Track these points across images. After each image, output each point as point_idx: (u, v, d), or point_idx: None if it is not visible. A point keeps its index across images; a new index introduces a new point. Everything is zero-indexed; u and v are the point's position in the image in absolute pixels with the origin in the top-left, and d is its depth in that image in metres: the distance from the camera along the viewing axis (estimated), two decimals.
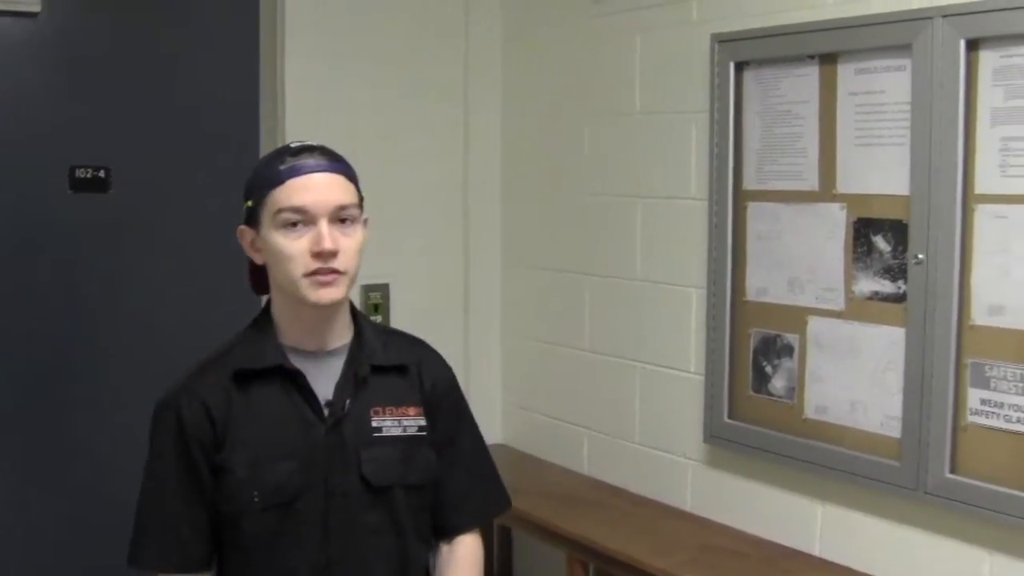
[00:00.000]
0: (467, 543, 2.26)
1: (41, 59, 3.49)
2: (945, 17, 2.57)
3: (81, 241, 3.57)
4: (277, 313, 2.10)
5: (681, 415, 3.38)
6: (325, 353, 2.09)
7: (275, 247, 2.00)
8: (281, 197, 1.98)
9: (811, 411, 2.98)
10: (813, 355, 2.97)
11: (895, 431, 2.76)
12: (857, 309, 2.86)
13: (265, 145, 3.71)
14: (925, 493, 2.67)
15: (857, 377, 2.86)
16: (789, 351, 3.03)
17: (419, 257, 3.98)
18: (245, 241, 2.09)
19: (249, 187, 2.06)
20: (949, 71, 2.57)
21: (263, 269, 2.10)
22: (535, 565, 3.98)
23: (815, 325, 2.97)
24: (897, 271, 2.74)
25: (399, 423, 2.11)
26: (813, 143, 2.94)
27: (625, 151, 3.57)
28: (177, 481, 2.03)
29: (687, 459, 3.39)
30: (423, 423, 2.14)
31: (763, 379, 3.10)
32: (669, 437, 3.45)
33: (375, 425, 2.09)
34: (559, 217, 3.87)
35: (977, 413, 2.59)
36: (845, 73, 2.86)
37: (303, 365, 2.06)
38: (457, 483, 2.23)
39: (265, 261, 2.06)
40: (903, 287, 2.73)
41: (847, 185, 2.87)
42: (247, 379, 2.05)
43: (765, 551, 3.07)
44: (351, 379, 2.09)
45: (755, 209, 3.11)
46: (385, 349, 2.16)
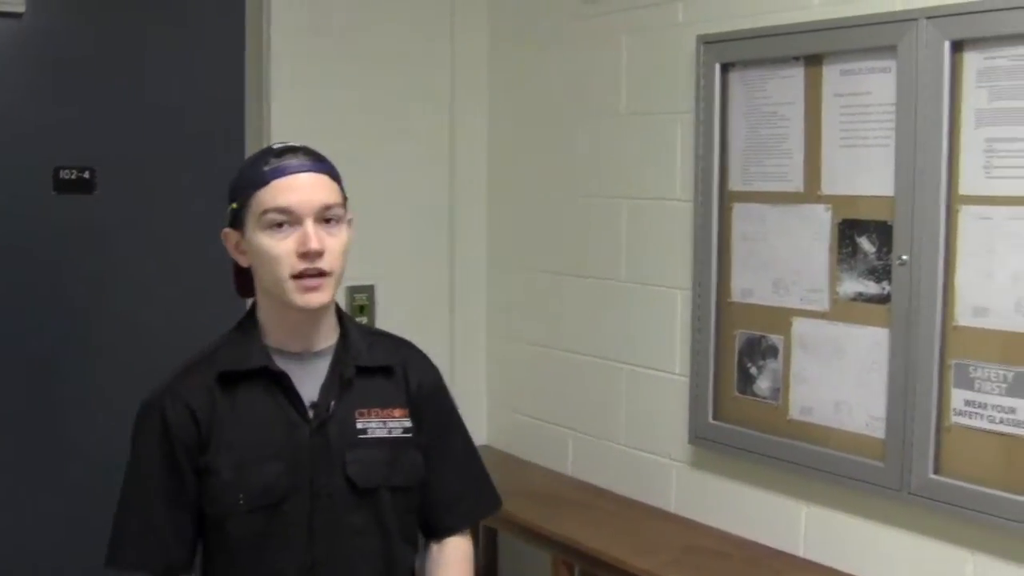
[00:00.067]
0: (458, 543, 2.26)
1: (25, 60, 3.48)
2: (930, 19, 2.58)
3: (66, 243, 3.55)
4: (262, 315, 2.09)
5: (666, 416, 3.38)
6: (310, 355, 2.09)
7: (261, 248, 1.99)
8: (266, 198, 1.98)
9: (796, 412, 2.99)
10: (798, 356, 2.98)
11: (879, 432, 2.77)
12: (842, 310, 2.86)
13: (250, 146, 3.70)
14: (909, 494, 2.68)
15: (842, 378, 2.87)
16: (774, 352, 3.04)
17: (405, 258, 3.98)
18: (230, 244, 2.08)
19: (233, 189, 2.06)
20: (934, 72, 2.58)
21: (248, 271, 2.09)
22: (520, 566, 3.97)
23: (800, 326, 2.97)
24: (881, 272, 2.75)
25: (384, 425, 2.11)
26: (798, 144, 2.95)
27: (611, 152, 3.57)
28: (160, 482, 2.03)
29: (672, 460, 3.39)
30: (409, 425, 2.14)
31: (748, 380, 3.11)
32: (654, 438, 3.45)
33: (360, 427, 2.08)
34: (545, 218, 3.88)
35: (961, 414, 2.60)
36: (830, 74, 2.86)
37: (288, 367, 2.06)
38: (448, 484, 2.23)
39: (250, 263, 2.05)
40: (887, 288, 2.74)
41: (832, 186, 2.87)
42: (232, 381, 2.05)
43: (749, 552, 3.07)
44: (336, 381, 2.08)
45: (740, 210, 3.12)
46: (371, 350, 2.15)
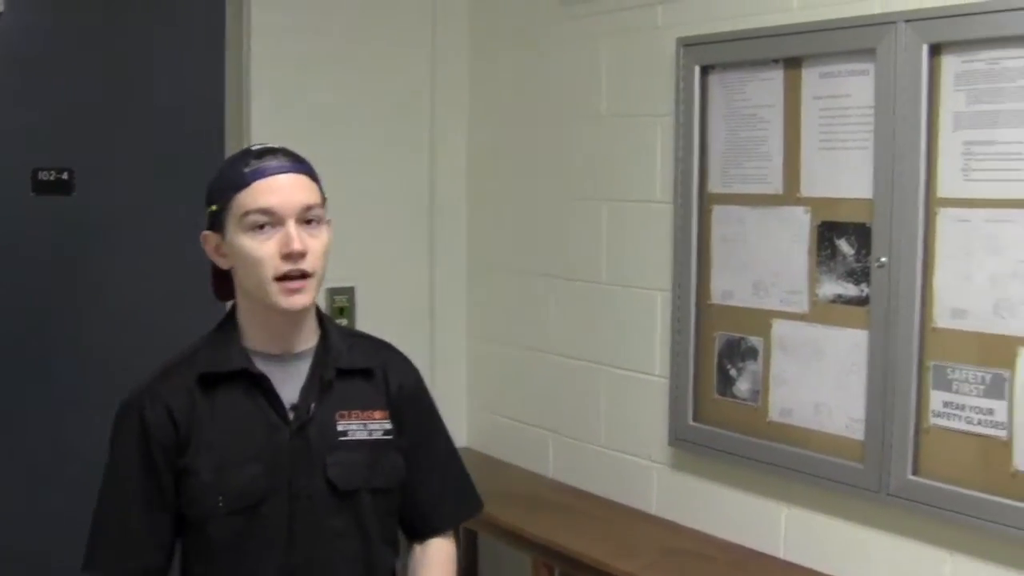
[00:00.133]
0: (441, 544, 2.26)
1: (2, 60, 3.46)
2: (908, 22, 2.59)
3: (45, 244, 3.54)
4: (243, 317, 2.09)
5: (646, 418, 3.39)
6: (291, 356, 2.09)
7: (243, 250, 1.99)
8: (247, 200, 1.97)
9: (775, 414, 3.00)
10: (777, 358, 2.99)
11: (858, 433, 2.78)
12: (821, 312, 2.87)
13: (230, 147, 3.69)
14: (888, 495, 2.69)
15: (821, 380, 2.88)
16: (753, 354, 3.04)
17: (385, 260, 3.97)
18: (209, 246, 2.07)
19: (212, 191, 2.05)
20: (912, 75, 2.59)
21: (227, 274, 2.09)
22: (501, 569, 3.97)
23: (779, 328, 2.98)
24: (860, 274, 2.76)
25: (365, 427, 2.11)
26: (778, 147, 2.96)
27: (591, 154, 3.57)
28: (137, 484, 2.02)
29: (652, 462, 3.40)
30: (389, 427, 2.14)
31: (728, 382, 3.12)
32: (634, 440, 3.45)
33: (341, 429, 2.08)
34: (525, 220, 3.88)
35: (939, 415, 2.61)
36: (809, 77, 2.87)
37: (268, 369, 2.05)
38: (430, 486, 2.23)
39: (231, 266, 2.05)
40: (866, 290, 2.75)
41: (811, 188, 2.88)
42: (212, 383, 2.04)
43: (730, 553, 3.08)
44: (316, 383, 2.08)
45: (720, 212, 3.13)
46: (351, 352, 2.15)
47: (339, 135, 3.76)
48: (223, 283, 2.12)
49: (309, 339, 2.11)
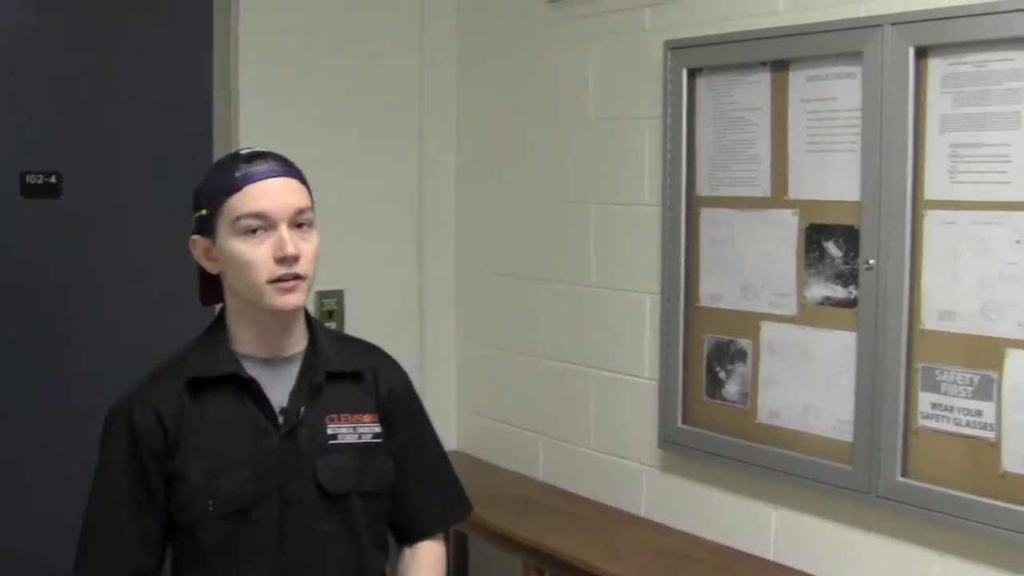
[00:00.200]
0: (431, 547, 2.26)
1: None
2: (895, 25, 2.60)
3: (33, 248, 3.53)
4: (232, 320, 2.08)
5: (635, 420, 3.39)
6: (280, 360, 2.08)
7: (235, 255, 1.98)
8: (239, 204, 1.97)
9: (764, 416, 3.00)
10: (766, 360, 2.99)
11: (847, 435, 2.78)
12: (809, 314, 2.88)
13: (218, 150, 3.69)
14: (877, 496, 2.69)
15: (809, 382, 2.88)
16: (742, 356, 3.05)
17: (374, 263, 3.97)
18: (198, 251, 2.06)
19: (201, 196, 2.04)
20: (899, 78, 2.60)
21: (214, 278, 2.08)
22: (491, 571, 3.97)
23: (768, 330, 2.99)
24: (848, 276, 2.77)
25: (354, 430, 2.11)
26: (765, 149, 2.96)
27: (579, 157, 3.57)
28: (127, 488, 2.01)
29: (641, 464, 3.40)
30: (379, 430, 2.14)
31: (717, 384, 3.12)
32: (623, 442, 3.46)
33: (330, 432, 2.08)
34: (514, 223, 3.88)
35: (928, 417, 2.61)
36: (796, 80, 2.88)
37: (257, 373, 2.05)
38: (420, 489, 2.23)
39: (221, 269, 2.04)
40: (854, 292, 2.75)
41: (799, 191, 2.89)
42: (201, 387, 2.04)
43: (719, 556, 3.08)
44: (306, 386, 2.08)
45: (708, 215, 3.13)
46: (340, 356, 2.15)
47: (328, 137, 3.75)
48: (209, 288, 2.12)
49: (298, 343, 2.11)
